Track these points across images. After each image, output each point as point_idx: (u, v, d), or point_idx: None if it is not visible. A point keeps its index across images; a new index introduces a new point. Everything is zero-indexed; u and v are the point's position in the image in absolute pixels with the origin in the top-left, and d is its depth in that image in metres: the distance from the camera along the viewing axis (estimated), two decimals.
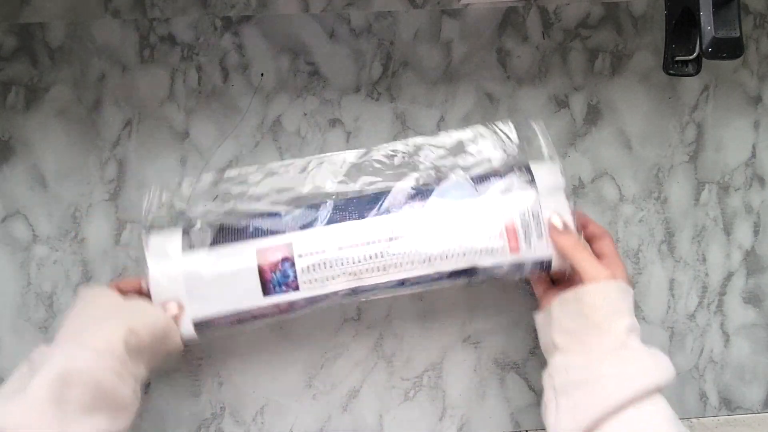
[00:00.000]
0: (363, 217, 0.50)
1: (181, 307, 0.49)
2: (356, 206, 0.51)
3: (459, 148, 0.53)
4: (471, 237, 0.49)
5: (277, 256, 0.49)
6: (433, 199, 0.51)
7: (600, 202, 0.61)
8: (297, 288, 0.49)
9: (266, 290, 0.49)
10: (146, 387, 0.58)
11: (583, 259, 0.49)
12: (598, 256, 0.51)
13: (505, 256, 0.49)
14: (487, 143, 0.52)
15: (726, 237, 0.63)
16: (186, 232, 0.51)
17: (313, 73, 0.59)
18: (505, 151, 0.52)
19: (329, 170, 0.52)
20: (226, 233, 0.51)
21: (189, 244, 0.50)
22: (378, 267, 0.49)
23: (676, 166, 0.62)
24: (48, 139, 0.57)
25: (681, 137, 0.62)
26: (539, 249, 0.50)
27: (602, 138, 0.61)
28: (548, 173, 0.51)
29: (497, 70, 0.60)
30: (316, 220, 0.50)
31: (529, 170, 0.51)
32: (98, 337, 0.45)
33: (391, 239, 0.49)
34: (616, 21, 0.60)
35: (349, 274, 0.49)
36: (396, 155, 0.53)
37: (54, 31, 0.57)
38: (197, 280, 0.49)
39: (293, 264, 0.49)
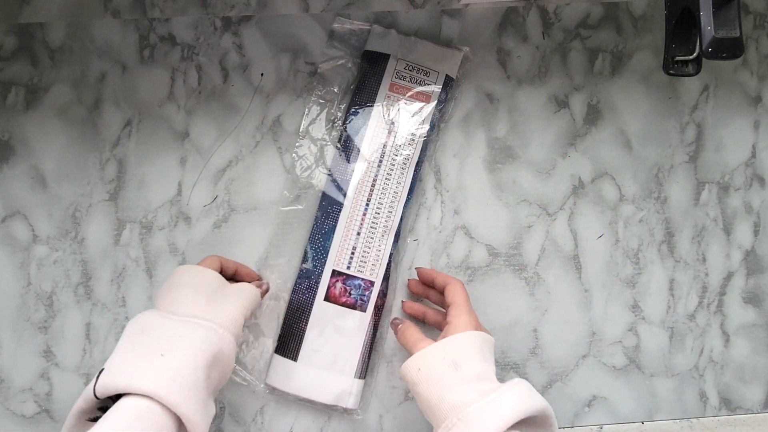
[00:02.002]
0: None
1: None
2: None
3: None
4: None
5: None
6: None
7: (600, 202, 0.61)
8: None
9: None
10: None
11: (407, 342, 0.50)
12: (448, 304, 0.51)
13: None
14: None
15: (726, 237, 0.63)
16: None
17: (313, 73, 0.59)
18: None
19: None
20: None
21: None
22: None
23: (676, 166, 0.62)
24: (48, 139, 0.57)
25: (681, 137, 0.62)
26: None
27: (602, 138, 0.61)
28: None
29: (497, 70, 0.60)
30: None
31: None
32: (233, 321, 0.47)
33: None
34: (616, 21, 0.60)
35: None
36: None
37: (54, 31, 0.57)
38: None
39: None
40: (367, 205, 0.57)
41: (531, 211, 0.61)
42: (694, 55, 0.49)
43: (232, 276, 0.55)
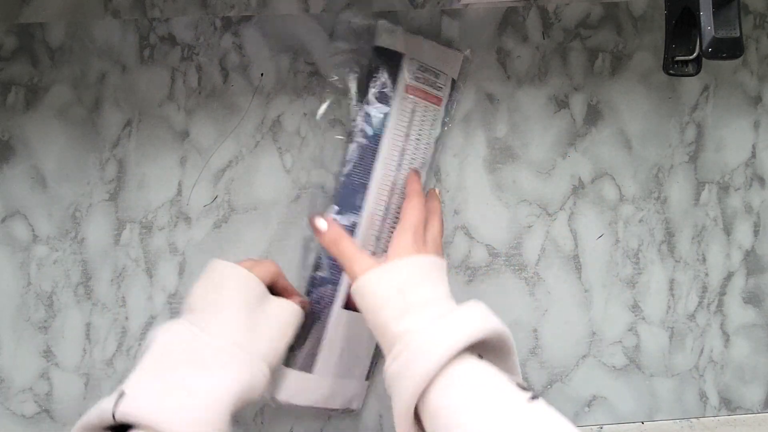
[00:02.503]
0: None
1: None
2: None
3: None
4: None
5: None
6: None
7: (600, 202, 0.61)
8: None
9: None
10: None
11: (342, 256, 0.46)
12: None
13: None
14: None
15: (726, 237, 0.63)
16: None
17: (313, 73, 0.59)
18: None
19: None
20: None
21: None
22: None
23: (676, 166, 0.62)
24: (48, 139, 0.57)
25: (681, 137, 0.62)
26: None
27: (602, 138, 0.61)
28: None
29: (497, 70, 0.60)
30: None
31: None
32: (274, 351, 0.46)
33: None
34: (616, 21, 0.60)
35: None
36: None
37: (54, 31, 0.57)
38: None
39: None
40: (387, 209, 0.55)
41: (531, 211, 0.61)
42: (694, 55, 0.49)
43: (278, 294, 0.51)
